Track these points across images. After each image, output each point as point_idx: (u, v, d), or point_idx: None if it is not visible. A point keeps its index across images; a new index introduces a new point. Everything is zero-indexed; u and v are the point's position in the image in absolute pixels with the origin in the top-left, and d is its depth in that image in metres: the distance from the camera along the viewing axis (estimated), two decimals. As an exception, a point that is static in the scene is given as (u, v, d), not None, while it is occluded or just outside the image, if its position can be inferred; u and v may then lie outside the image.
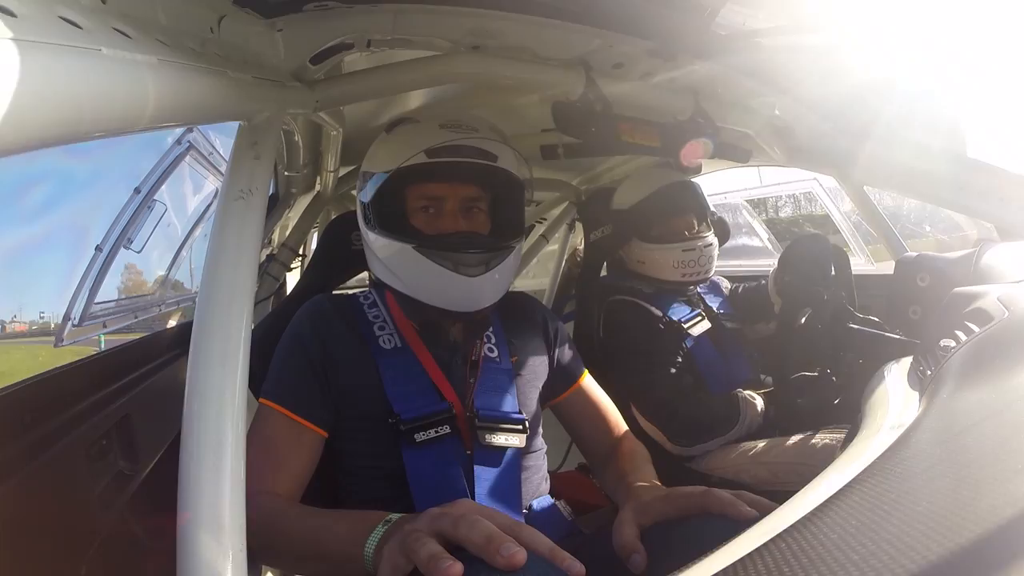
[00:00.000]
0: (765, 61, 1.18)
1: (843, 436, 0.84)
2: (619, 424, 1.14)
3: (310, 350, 0.93)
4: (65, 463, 0.83)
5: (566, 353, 1.14)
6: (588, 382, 1.14)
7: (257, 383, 0.93)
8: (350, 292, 1.10)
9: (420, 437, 0.89)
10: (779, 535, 0.46)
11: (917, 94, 1.24)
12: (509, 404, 0.98)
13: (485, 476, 0.90)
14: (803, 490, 0.60)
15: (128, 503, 0.97)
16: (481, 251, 0.93)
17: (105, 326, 1.19)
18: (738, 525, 0.68)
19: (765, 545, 0.45)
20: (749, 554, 0.44)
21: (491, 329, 1.05)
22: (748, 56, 1.14)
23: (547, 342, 1.12)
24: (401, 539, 0.61)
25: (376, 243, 0.97)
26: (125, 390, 1.05)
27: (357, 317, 1.00)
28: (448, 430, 0.90)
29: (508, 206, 1.02)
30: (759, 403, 1.41)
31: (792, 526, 0.47)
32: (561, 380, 1.12)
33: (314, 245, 2.05)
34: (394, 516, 0.69)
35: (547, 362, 1.10)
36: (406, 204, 0.96)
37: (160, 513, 0.98)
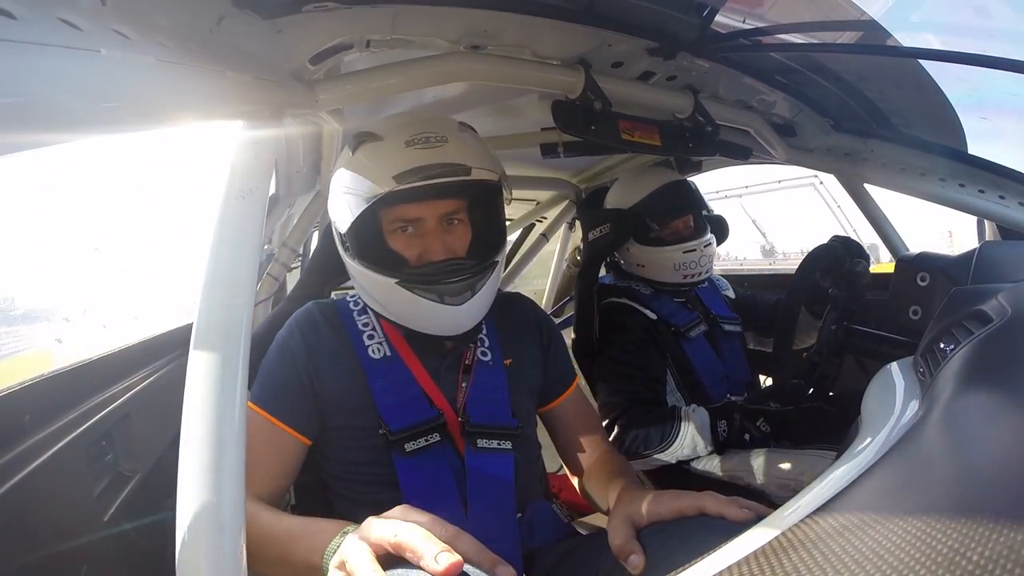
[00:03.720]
0: (764, 59, 1.17)
1: (835, 454, 0.84)
2: (604, 435, 1.14)
3: (297, 360, 0.93)
4: (65, 463, 0.84)
5: (559, 359, 1.13)
6: (578, 392, 1.14)
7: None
8: (346, 295, 1.09)
9: (410, 446, 0.89)
10: (780, 535, 0.46)
11: (918, 92, 1.24)
12: (501, 408, 0.98)
13: (478, 482, 0.90)
14: (803, 490, 0.60)
15: (128, 503, 0.97)
16: (465, 278, 0.91)
17: (104, 327, 1.19)
18: (736, 526, 0.68)
19: (768, 545, 0.45)
20: (750, 554, 0.44)
21: (484, 331, 1.04)
22: (748, 54, 1.14)
23: (541, 346, 1.11)
24: (343, 552, 0.63)
25: (356, 271, 0.95)
26: (125, 390, 1.05)
27: (346, 325, 0.99)
28: (438, 438, 0.90)
29: (488, 213, 0.99)
30: (704, 424, 1.37)
31: (794, 526, 0.47)
32: (553, 387, 1.11)
33: (314, 244, 2.05)
34: (351, 527, 0.70)
35: (541, 366, 1.10)
36: (382, 227, 0.93)
37: (160, 513, 0.99)
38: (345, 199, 0.91)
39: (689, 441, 1.36)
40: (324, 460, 0.94)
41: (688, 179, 1.67)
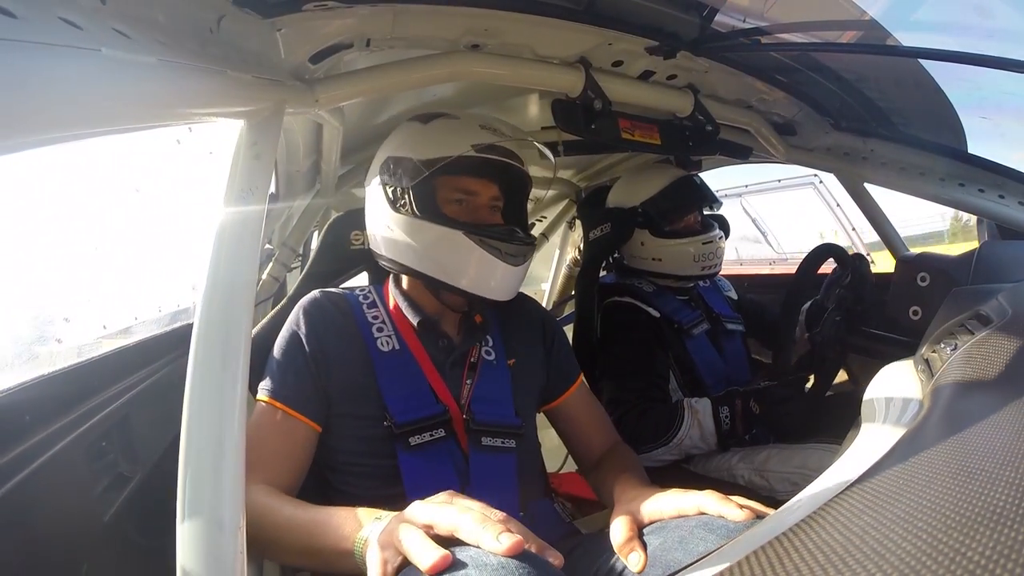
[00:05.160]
0: (765, 58, 1.17)
1: (838, 448, 0.84)
2: (610, 429, 1.14)
3: (306, 346, 0.93)
4: (65, 463, 0.84)
5: (563, 357, 1.14)
6: (582, 387, 1.15)
7: (257, 383, 0.93)
8: (349, 289, 1.09)
9: (415, 440, 0.89)
10: (781, 535, 0.46)
11: (918, 91, 1.24)
12: (505, 407, 0.99)
13: (481, 479, 0.90)
14: (805, 489, 0.60)
15: (128, 503, 0.97)
16: (522, 243, 0.98)
17: (105, 327, 1.19)
18: (735, 526, 0.68)
19: (768, 544, 0.45)
20: (750, 554, 0.44)
21: (489, 330, 1.05)
22: (748, 53, 1.14)
23: (545, 345, 1.12)
24: (390, 531, 0.62)
25: (413, 228, 0.96)
26: (125, 391, 1.05)
27: (356, 316, 1.00)
28: (443, 433, 0.91)
29: (520, 207, 1.07)
30: (706, 410, 1.36)
31: (795, 525, 0.47)
32: (557, 384, 1.12)
33: (315, 244, 2.04)
34: (385, 513, 0.69)
35: (544, 365, 1.10)
36: (438, 194, 0.97)
37: (160, 513, 0.99)
38: (410, 159, 0.96)
39: (695, 431, 1.34)
40: (325, 450, 0.94)
41: (694, 174, 1.67)
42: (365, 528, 0.67)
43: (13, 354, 0.90)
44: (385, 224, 1.00)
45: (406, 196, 0.96)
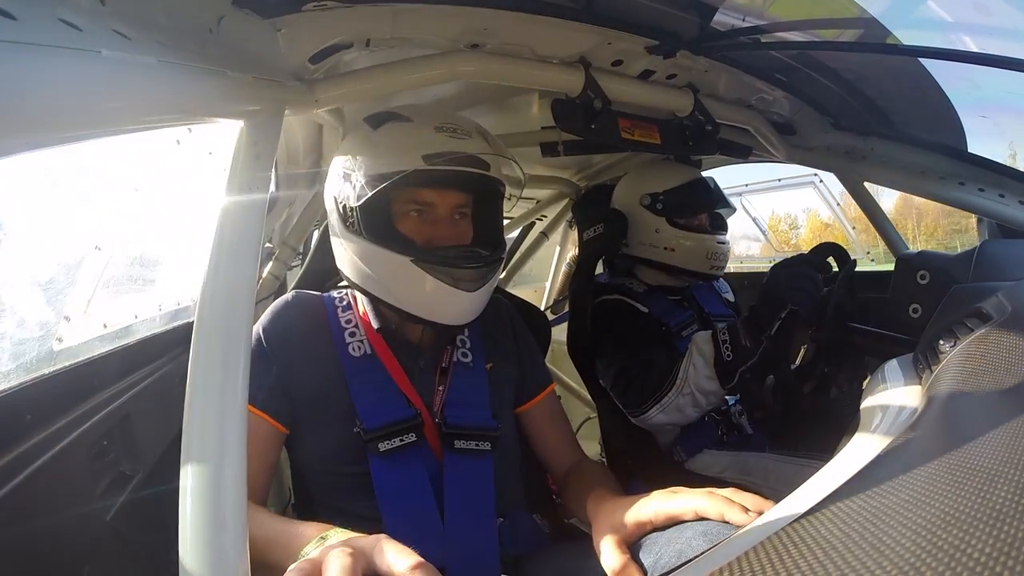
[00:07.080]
0: (764, 57, 1.17)
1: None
2: (577, 446, 1.11)
3: (266, 346, 0.93)
4: (66, 463, 0.84)
5: (534, 360, 1.12)
6: (552, 396, 1.12)
7: None
8: (330, 291, 1.08)
9: (384, 446, 0.87)
10: (781, 529, 0.46)
11: (918, 90, 1.24)
12: (480, 410, 0.96)
13: (455, 485, 0.88)
14: (803, 486, 0.60)
15: (130, 502, 0.97)
16: (480, 266, 0.92)
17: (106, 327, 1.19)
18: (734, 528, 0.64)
19: (767, 539, 0.45)
20: (749, 550, 0.44)
21: (466, 332, 1.03)
22: (747, 52, 1.14)
23: (516, 345, 1.10)
24: (321, 549, 0.59)
25: (362, 250, 0.92)
26: (125, 390, 1.05)
27: (329, 319, 0.98)
28: (414, 438, 0.88)
29: (492, 214, 1.01)
30: (705, 337, 1.30)
31: (793, 521, 0.47)
32: (528, 387, 1.09)
33: (314, 243, 2.04)
34: (332, 533, 0.67)
35: (517, 366, 1.08)
36: (392, 207, 0.92)
37: (161, 512, 0.99)
38: (358, 173, 0.90)
39: (699, 360, 1.29)
40: (301, 460, 0.94)
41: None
42: (308, 547, 0.66)
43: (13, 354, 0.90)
44: (339, 240, 0.96)
45: (355, 215, 0.90)
